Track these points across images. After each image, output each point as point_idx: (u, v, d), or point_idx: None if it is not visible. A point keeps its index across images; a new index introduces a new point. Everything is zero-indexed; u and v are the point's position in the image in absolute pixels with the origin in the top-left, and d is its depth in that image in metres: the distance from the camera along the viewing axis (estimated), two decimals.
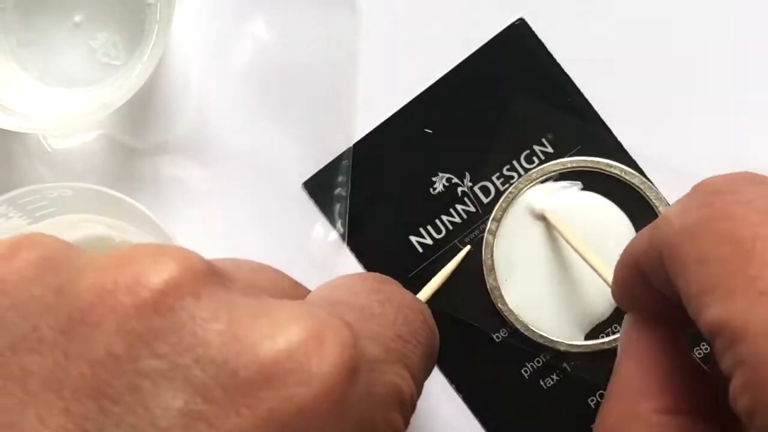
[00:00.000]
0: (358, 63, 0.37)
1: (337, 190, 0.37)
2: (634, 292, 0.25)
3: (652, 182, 0.36)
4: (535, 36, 0.37)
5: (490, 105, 0.36)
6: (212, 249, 0.36)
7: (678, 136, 0.36)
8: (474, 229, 0.36)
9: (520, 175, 0.36)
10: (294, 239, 0.37)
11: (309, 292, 0.23)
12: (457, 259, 0.36)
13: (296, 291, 0.22)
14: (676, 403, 0.23)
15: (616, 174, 0.36)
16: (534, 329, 0.35)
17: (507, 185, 0.36)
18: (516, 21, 0.37)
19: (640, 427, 0.23)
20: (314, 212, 0.37)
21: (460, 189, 0.36)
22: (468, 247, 0.36)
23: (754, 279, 0.18)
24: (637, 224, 0.36)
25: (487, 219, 0.36)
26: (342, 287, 0.22)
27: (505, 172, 0.36)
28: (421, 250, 0.36)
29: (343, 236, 0.36)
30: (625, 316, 0.26)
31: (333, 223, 0.37)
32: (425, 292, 0.35)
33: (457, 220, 0.36)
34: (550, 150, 0.36)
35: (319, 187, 0.37)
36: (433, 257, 0.36)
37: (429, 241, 0.36)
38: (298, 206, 0.37)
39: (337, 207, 0.37)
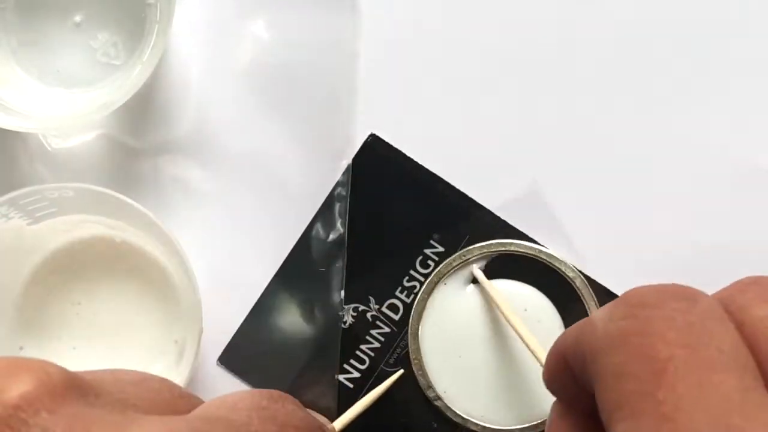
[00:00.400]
0: (358, 63, 0.37)
1: (338, 190, 0.37)
2: (563, 381, 0.25)
3: (543, 246, 0.36)
4: (390, 146, 0.37)
5: (371, 224, 0.37)
6: (212, 248, 0.37)
7: (555, 196, 0.37)
8: (396, 347, 0.36)
9: (420, 282, 0.36)
10: (294, 239, 0.37)
11: (200, 403, 0.23)
12: (384, 385, 0.36)
13: (182, 402, 0.22)
14: None
15: (512, 251, 0.36)
16: (494, 427, 0.36)
17: (411, 295, 0.36)
18: (368, 138, 0.37)
19: None
20: (314, 212, 0.37)
21: (369, 314, 0.37)
22: (400, 371, 0.36)
23: (661, 402, 0.18)
24: (548, 293, 0.36)
25: (405, 333, 0.36)
26: (227, 403, 0.22)
27: (405, 284, 0.37)
28: (351, 385, 0.36)
29: (343, 236, 0.37)
30: (553, 403, 0.26)
31: (333, 222, 0.37)
32: (343, 419, 0.35)
33: (376, 345, 0.36)
34: (441, 249, 0.36)
35: (235, 360, 0.37)
36: (366, 387, 0.36)
37: (356, 375, 0.36)
38: (298, 206, 0.37)
39: (337, 206, 0.37)
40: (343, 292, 0.37)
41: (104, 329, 0.36)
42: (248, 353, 0.36)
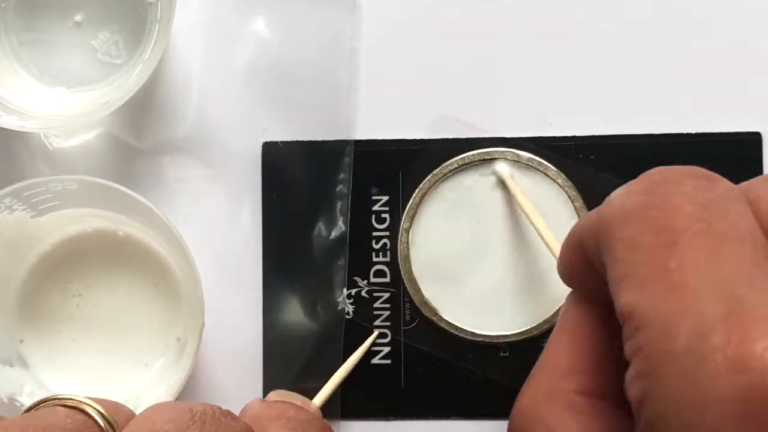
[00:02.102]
0: (358, 60, 0.37)
1: (339, 188, 0.37)
2: (578, 270, 0.24)
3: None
4: (286, 143, 0.37)
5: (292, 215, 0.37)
6: (214, 247, 0.37)
7: None
8: (405, 302, 0.37)
9: (386, 237, 0.37)
10: (295, 236, 0.36)
11: None
12: (360, 351, 0.36)
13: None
14: (599, 387, 0.23)
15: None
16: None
17: (387, 251, 0.37)
18: (263, 148, 0.37)
19: (558, 405, 0.23)
20: (315, 210, 0.37)
21: (363, 292, 0.37)
22: (376, 332, 0.36)
23: (670, 271, 0.18)
24: None
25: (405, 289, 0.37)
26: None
27: (375, 246, 0.37)
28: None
29: (344, 234, 0.36)
30: (568, 294, 0.26)
31: (335, 220, 0.37)
32: (323, 395, 0.35)
33: (387, 313, 0.37)
34: (386, 197, 0.37)
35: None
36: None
37: (387, 349, 0.36)
38: (299, 203, 0.37)
39: (339, 204, 0.37)
40: (345, 290, 0.36)
41: (105, 322, 0.36)
42: (250, 350, 0.36)
